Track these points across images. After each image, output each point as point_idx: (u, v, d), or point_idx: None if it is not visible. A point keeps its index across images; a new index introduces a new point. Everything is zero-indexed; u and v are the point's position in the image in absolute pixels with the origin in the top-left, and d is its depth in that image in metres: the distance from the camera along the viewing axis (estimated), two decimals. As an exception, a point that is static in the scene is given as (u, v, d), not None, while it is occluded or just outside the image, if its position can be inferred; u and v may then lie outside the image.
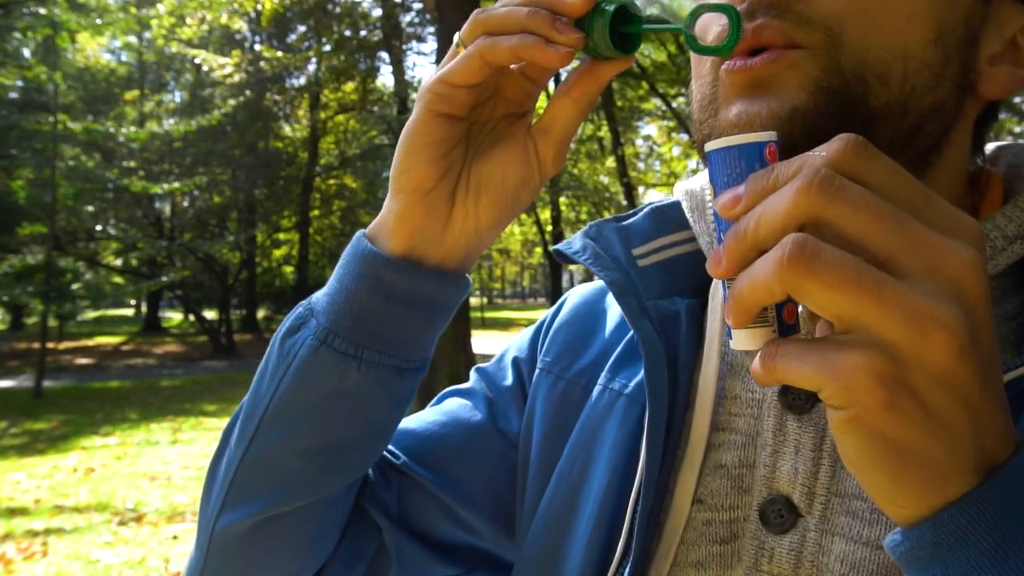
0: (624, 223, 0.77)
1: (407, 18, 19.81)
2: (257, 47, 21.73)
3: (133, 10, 18.76)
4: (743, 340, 0.47)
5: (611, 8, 0.58)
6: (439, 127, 0.63)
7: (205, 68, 19.82)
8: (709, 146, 0.48)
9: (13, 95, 19.08)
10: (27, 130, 14.27)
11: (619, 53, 0.60)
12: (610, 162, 28.08)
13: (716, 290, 0.70)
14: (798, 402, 0.62)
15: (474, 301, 33.97)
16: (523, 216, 30.79)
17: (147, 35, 23.08)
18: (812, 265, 0.38)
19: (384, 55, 20.82)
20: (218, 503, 0.72)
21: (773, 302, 0.44)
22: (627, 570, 0.63)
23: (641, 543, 0.64)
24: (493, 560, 0.84)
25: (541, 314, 0.90)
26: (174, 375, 17.52)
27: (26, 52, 18.01)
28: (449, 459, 0.81)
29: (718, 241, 0.46)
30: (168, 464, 8.31)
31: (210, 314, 24.84)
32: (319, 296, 0.70)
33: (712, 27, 0.61)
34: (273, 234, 26.89)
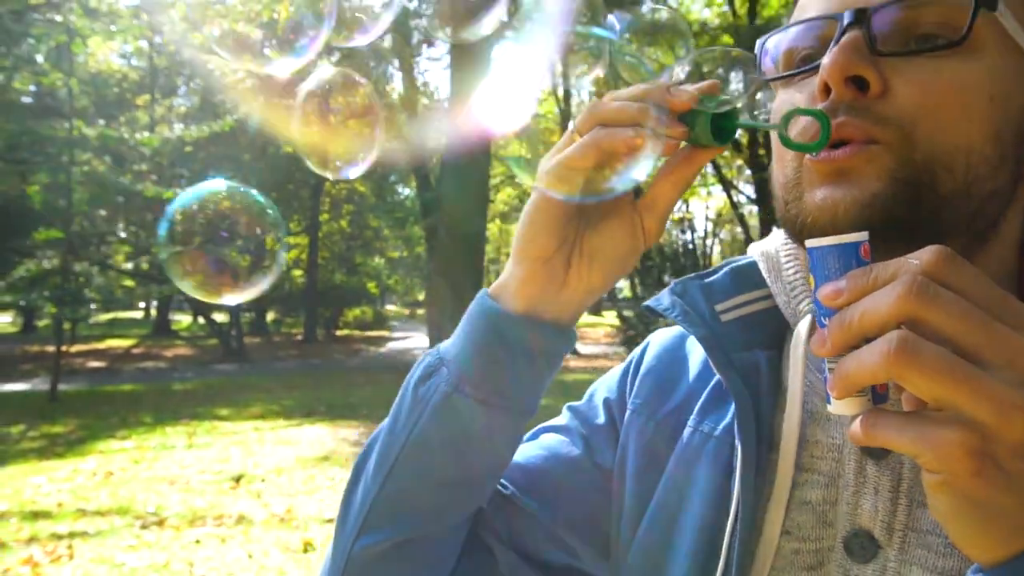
0: (706, 281, 0.87)
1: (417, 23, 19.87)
2: (267, 52, 21.77)
3: (145, 16, 18.89)
4: (842, 407, 0.56)
5: (712, 108, 0.68)
6: (558, 204, 0.74)
7: (218, 74, 19.96)
8: (810, 243, 0.58)
9: (26, 99, 19.27)
10: (42, 136, 14.40)
11: (716, 143, 0.70)
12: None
13: (796, 347, 0.78)
14: (877, 450, 0.70)
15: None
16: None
17: (158, 39, 23.25)
18: (915, 358, 0.48)
19: (394, 60, 20.91)
20: (356, 528, 0.82)
21: (876, 383, 0.54)
22: None
23: (738, 568, 0.72)
24: None
25: None
26: (186, 378, 17.64)
27: (39, 57, 18.21)
28: (552, 490, 0.90)
29: (819, 324, 0.57)
30: (186, 468, 8.40)
31: (219, 317, 24.96)
32: (447, 347, 0.80)
33: (800, 122, 0.70)
34: (284, 236, 26.98)
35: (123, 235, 24.02)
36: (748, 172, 22.61)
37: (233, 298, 0.80)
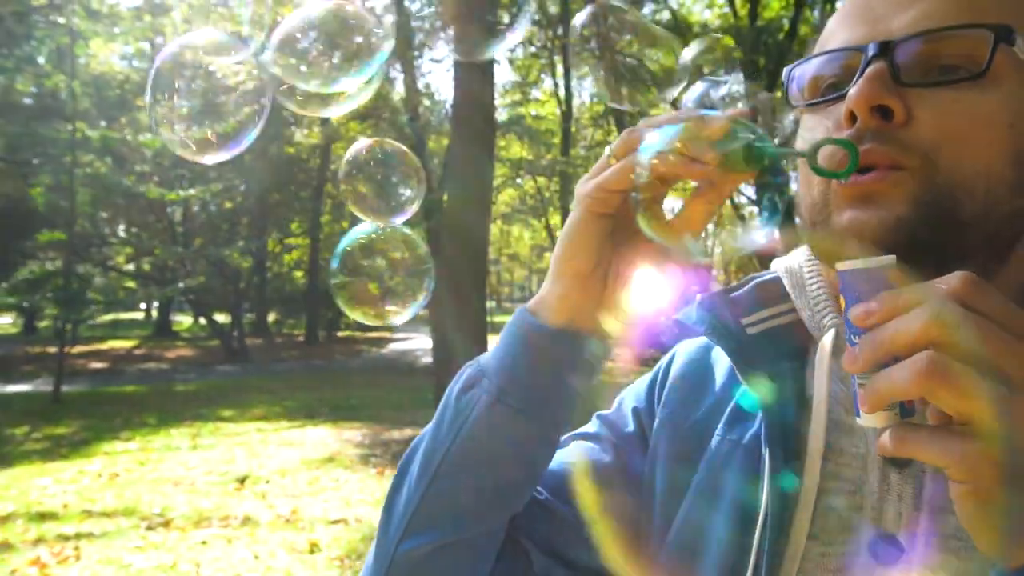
0: (732, 295, 0.90)
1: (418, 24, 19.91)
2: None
3: (147, 17, 18.92)
4: (871, 420, 0.60)
5: (745, 136, 0.71)
6: (596, 224, 0.79)
7: (219, 75, 19.90)
8: (841, 266, 0.61)
9: (27, 101, 19.28)
10: (45, 137, 14.43)
11: (748, 169, 0.73)
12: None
13: (821, 360, 0.81)
14: (900, 459, 0.74)
15: (483, 305, 33.91)
16: (533, 221, 31.02)
17: (159, 40, 23.24)
18: (944, 378, 0.52)
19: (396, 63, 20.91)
20: (399, 531, 0.85)
21: (905, 400, 0.58)
22: None
23: (767, 571, 0.75)
24: None
25: None
26: (188, 380, 17.65)
27: (39, 58, 18.23)
28: None
29: (850, 342, 0.60)
30: (191, 469, 8.42)
31: (220, 318, 24.98)
32: (487, 360, 0.84)
33: (827, 148, 0.73)
34: (284, 239, 27.07)
35: (123, 236, 24.05)
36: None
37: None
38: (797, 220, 0.81)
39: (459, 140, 10.16)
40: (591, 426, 1.01)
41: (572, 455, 0.97)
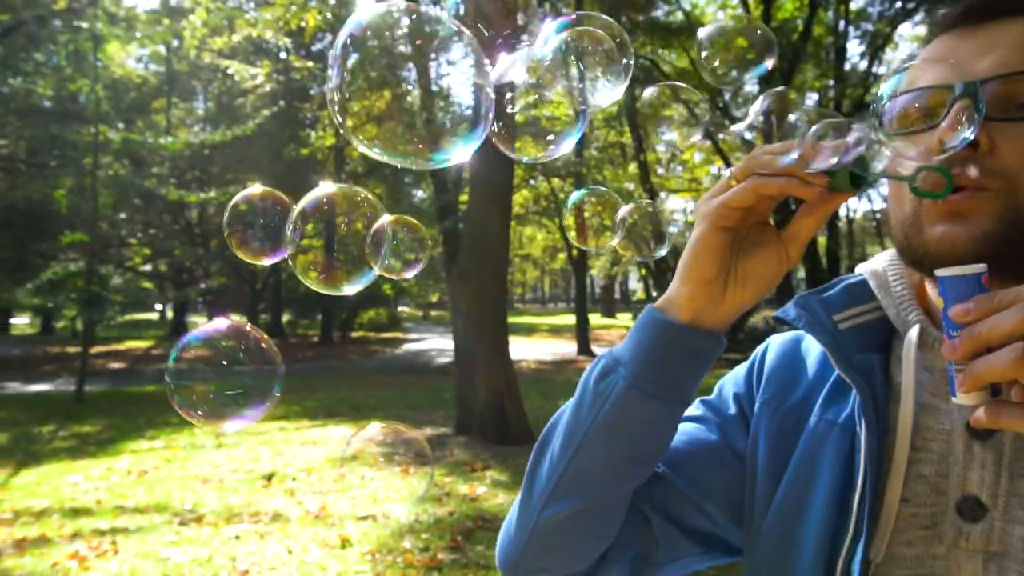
0: (823, 296, 1.04)
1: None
2: (282, 55, 22.07)
3: (166, 20, 19.14)
4: (967, 399, 0.73)
5: (851, 161, 0.85)
6: (719, 237, 0.91)
7: (236, 78, 20.18)
8: (940, 272, 0.74)
9: (46, 103, 19.54)
10: (67, 140, 14.62)
11: (852, 189, 0.86)
12: (632, 168, 28.25)
13: (908, 351, 0.93)
14: (982, 432, 0.86)
15: (496, 306, 34.06)
16: (547, 221, 31.12)
17: (175, 44, 23.44)
18: None
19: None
20: (542, 499, 0.98)
21: (1002, 381, 0.69)
22: (859, 546, 0.87)
23: (867, 530, 0.87)
24: (724, 543, 1.08)
25: (562, 319, 1.13)
26: (207, 379, 17.79)
27: (61, 62, 18.44)
28: (696, 469, 1.07)
29: (948, 335, 0.73)
30: (218, 467, 8.56)
31: (234, 318, 25.12)
32: (619, 351, 0.96)
33: (922, 172, 0.85)
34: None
35: (141, 237, 24.29)
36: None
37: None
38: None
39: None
40: (695, 410, 1.14)
41: (682, 435, 1.09)
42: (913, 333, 0.93)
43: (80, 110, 17.37)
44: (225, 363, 1.12)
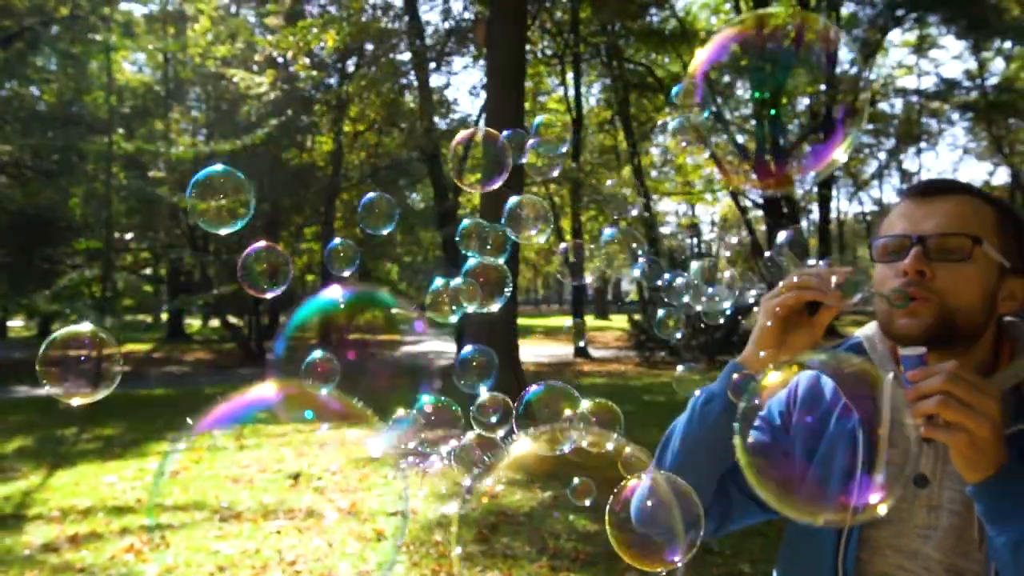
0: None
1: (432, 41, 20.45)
2: (281, 60, 22.37)
3: (172, 29, 19.44)
4: (917, 422, 1.26)
5: (856, 280, 1.39)
6: (777, 322, 1.44)
7: (241, 86, 20.45)
8: (902, 351, 1.30)
9: (41, 106, 19.78)
10: (74, 147, 14.90)
11: (854, 295, 1.39)
12: (626, 172, 28.70)
13: (886, 388, 1.44)
14: (928, 438, 1.36)
15: (491, 308, 34.25)
16: (543, 226, 31.30)
17: (178, 53, 23.71)
18: (947, 404, 1.20)
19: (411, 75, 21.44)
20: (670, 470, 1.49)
21: (932, 414, 1.23)
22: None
23: (868, 480, 1.37)
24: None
25: (556, 321, 1.66)
26: (213, 382, 18.15)
27: (52, 65, 18.69)
28: None
29: (905, 386, 1.27)
30: (245, 468, 8.96)
31: (232, 320, 25.45)
32: (715, 388, 1.50)
33: (893, 292, 1.39)
34: (297, 244, 27.60)
35: (144, 242, 24.54)
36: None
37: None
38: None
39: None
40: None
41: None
42: (889, 376, 1.46)
43: (87, 117, 17.67)
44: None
